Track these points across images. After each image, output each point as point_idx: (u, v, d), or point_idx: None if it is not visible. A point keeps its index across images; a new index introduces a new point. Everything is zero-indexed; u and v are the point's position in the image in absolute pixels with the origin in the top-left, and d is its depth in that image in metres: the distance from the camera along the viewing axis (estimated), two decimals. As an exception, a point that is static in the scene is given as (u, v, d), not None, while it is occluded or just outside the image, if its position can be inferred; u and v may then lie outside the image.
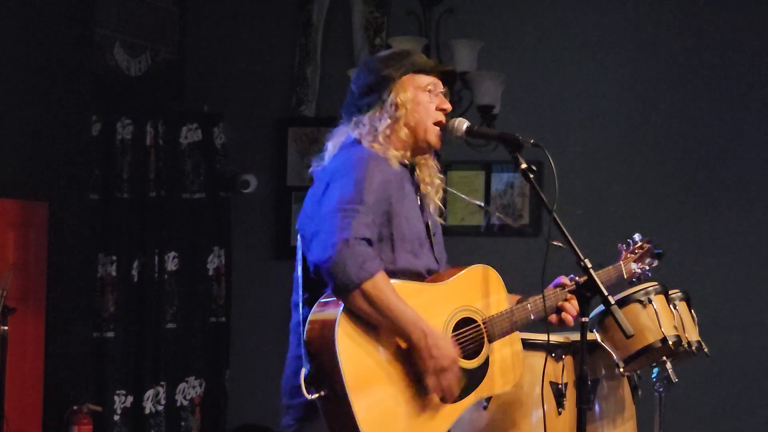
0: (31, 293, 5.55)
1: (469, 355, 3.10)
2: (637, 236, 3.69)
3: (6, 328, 5.01)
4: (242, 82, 6.54)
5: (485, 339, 3.13)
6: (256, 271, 6.43)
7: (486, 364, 3.14)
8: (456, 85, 5.48)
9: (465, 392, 3.08)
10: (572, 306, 3.24)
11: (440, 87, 3.21)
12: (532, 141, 3.14)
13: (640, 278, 3.69)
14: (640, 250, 3.65)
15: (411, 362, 2.98)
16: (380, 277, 2.90)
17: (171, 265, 6.14)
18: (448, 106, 3.21)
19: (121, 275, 5.98)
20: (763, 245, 5.81)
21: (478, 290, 3.18)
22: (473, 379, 3.10)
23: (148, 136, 6.11)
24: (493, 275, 3.24)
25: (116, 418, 5.91)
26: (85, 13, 5.88)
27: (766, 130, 5.86)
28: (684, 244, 5.81)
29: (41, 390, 5.61)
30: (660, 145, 5.97)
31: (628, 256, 3.64)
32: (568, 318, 3.24)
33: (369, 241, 2.93)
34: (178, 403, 6.16)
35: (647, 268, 3.68)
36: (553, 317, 3.27)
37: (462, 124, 3.23)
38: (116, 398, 5.92)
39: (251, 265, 6.45)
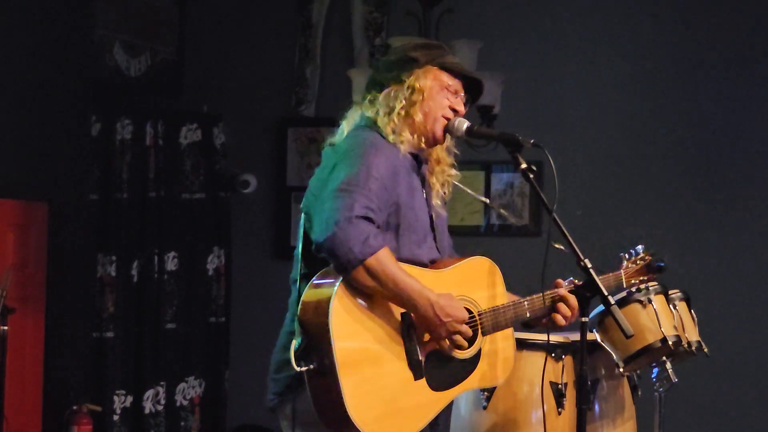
0: (31, 293, 5.55)
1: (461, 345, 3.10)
2: (639, 247, 3.68)
3: (6, 328, 5.01)
4: (242, 82, 6.54)
5: (479, 331, 3.13)
6: (256, 271, 6.43)
7: (477, 356, 3.14)
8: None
9: (455, 382, 3.09)
10: (566, 308, 3.22)
11: (461, 91, 3.22)
12: (532, 141, 3.13)
13: (639, 289, 3.69)
14: (641, 262, 3.64)
15: (405, 344, 2.98)
16: (383, 252, 2.90)
17: (171, 265, 6.15)
18: (461, 109, 3.20)
19: (121, 275, 5.98)
20: (763, 245, 5.81)
21: (477, 282, 3.19)
22: (464, 369, 3.10)
23: (148, 136, 6.11)
24: (493, 269, 3.24)
25: (116, 418, 5.91)
26: (85, 13, 5.88)
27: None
28: (684, 244, 5.81)
29: (41, 390, 5.61)
30: (660, 145, 5.96)
31: (630, 266, 3.62)
32: (559, 319, 3.22)
33: (371, 220, 2.93)
34: (178, 403, 6.16)
35: (646, 279, 3.65)
36: (544, 318, 3.26)
37: (462, 124, 3.23)
38: (116, 398, 5.92)
39: (251, 265, 6.45)
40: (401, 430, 2.98)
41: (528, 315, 3.21)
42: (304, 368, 2.88)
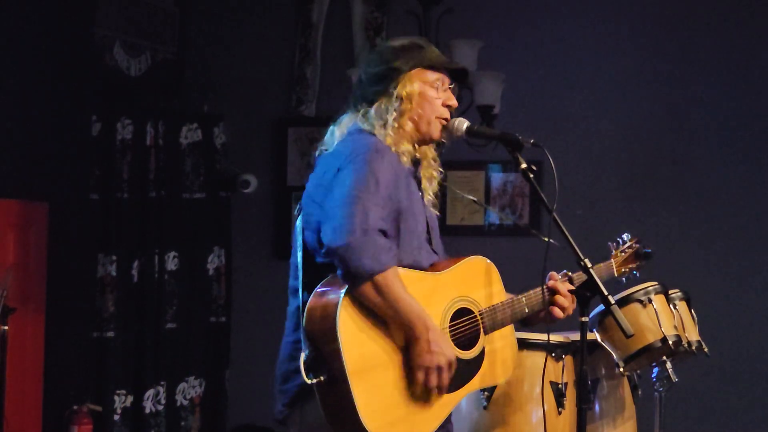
0: (31, 293, 5.55)
1: (464, 346, 3.11)
2: (625, 236, 3.71)
3: (6, 328, 5.02)
4: (242, 82, 6.54)
5: (481, 330, 3.15)
6: (256, 271, 6.43)
7: (481, 355, 3.15)
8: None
9: (461, 383, 3.10)
10: (562, 299, 3.25)
11: (447, 83, 3.22)
12: (531, 141, 3.14)
13: (629, 277, 3.71)
14: (630, 250, 3.67)
15: (410, 350, 3.00)
16: (392, 270, 2.92)
17: (171, 264, 6.15)
18: (454, 103, 3.22)
19: (121, 275, 5.98)
20: (763, 246, 5.81)
21: (476, 281, 3.20)
22: (469, 370, 3.11)
23: (148, 136, 6.11)
24: (491, 268, 3.25)
25: (116, 417, 5.91)
26: (85, 13, 5.88)
27: None
28: (684, 243, 5.82)
29: (41, 390, 5.61)
30: (660, 145, 5.96)
31: (618, 254, 3.65)
32: (557, 312, 3.25)
33: (384, 233, 2.94)
34: (178, 403, 6.16)
35: (635, 266, 3.68)
36: (542, 312, 3.28)
37: (462, 123, 3.23)
38: (116, 398, 5.92)
39: (251, 265, 6.45)
40: None
41: (526, 311, 3.23)
42: (314, 380, 2.88)
